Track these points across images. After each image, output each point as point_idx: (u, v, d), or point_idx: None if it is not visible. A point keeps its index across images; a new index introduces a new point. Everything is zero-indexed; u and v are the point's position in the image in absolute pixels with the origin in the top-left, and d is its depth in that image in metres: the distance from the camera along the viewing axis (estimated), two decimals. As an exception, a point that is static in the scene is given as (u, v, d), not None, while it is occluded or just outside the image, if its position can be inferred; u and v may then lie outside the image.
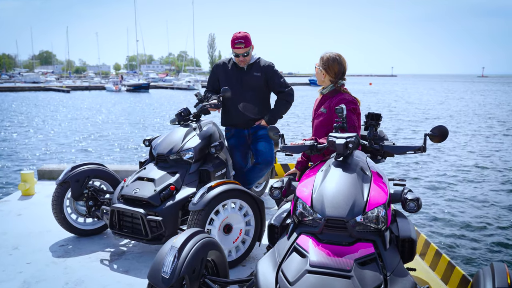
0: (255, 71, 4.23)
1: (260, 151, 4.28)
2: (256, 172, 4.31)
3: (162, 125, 23.12)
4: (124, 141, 17.79)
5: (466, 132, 19.87)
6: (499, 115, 27.98)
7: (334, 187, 2.29)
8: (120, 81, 67.84)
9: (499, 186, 10.56)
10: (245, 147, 4.38)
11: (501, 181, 10.99)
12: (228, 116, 4.36)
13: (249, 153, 4.45)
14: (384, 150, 2.57)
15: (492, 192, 9.96)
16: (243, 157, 4.38)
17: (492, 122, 23.89)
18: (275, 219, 2.57)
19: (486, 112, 30.08)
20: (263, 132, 4.29)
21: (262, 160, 4.26)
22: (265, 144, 4.28)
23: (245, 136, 4.35)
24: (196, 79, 75.10)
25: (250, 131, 4.33)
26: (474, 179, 11.32)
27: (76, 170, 3.94)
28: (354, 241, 2.19)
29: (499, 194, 9.82)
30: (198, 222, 3.18)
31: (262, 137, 4.29)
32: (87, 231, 4.05)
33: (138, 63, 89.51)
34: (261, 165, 4.27)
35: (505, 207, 8.91)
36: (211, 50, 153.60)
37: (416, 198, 2.32)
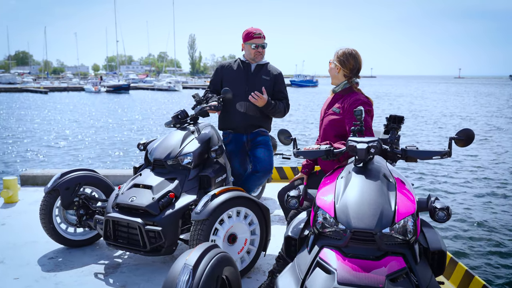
0: (264, 74, 4.04)
1: (259, 158, 4.03)
2: (254, 181, 4.06)
3: (151, 127, 22.61)
4: (112, 145, 17.31)
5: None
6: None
7: (359, 196, 2.12)
8: (99, 82, 66.76)
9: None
10: (243, 153, 4.15)
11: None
12: (227, 118, 4.12)
13: (248, 160, 4.21)
14: (407, 155, 2.41)
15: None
16: (241, 163, 4.14)
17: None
18: (292, 230, 2.38)
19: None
20: (262, 138, 4.08)
21: (260, 168, 4.00)
22: (264, 151, 4.04)
23: (244, 142, 4.11)
24: (177, 80, 74.56)
25: (249, 137, 4.10)
26: (486, 180, 11.09)
27: (66, 177, 3.68)
28: (382, 254, 2.02)
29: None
30: (202, 233, 2.97)
31: (261, 144, 4.07)
32: (77, 242, 3.79)
33: (118, 64, 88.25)
34: (260, 173, 4.00)
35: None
36: (192, 51, 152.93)
37: (446, 207, 2.17)
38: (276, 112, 4.03)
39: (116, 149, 16.15)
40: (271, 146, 4.15)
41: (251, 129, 4.07)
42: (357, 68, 2.99)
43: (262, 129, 4.12)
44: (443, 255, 2.18)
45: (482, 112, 31.45)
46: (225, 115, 4.12)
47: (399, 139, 2.45)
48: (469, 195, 9.77)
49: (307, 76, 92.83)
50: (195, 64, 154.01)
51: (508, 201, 9.29)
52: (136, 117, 27.96)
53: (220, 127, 4.21)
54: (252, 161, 4.07)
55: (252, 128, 4.07)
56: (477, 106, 36.59)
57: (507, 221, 8.01)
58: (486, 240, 7.13)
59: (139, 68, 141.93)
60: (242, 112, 4.01)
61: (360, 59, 3.01)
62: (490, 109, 34.06)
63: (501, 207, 8.89)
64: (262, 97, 3.84)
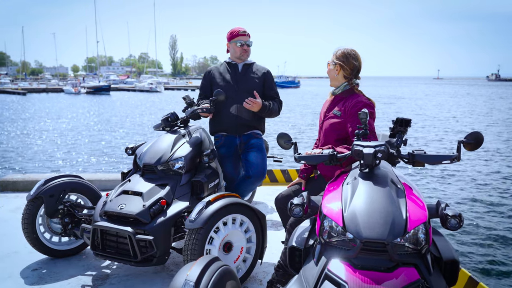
0: (252, 73, 3.93)
1: (251, 162, 3.84)
2: (246, 186, 3.88)
3: (136, 129, 22.19)
4: (95, 148, 16.88)
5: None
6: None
7: (368, 204, 2.00)
8: (79, 83, 65.71)
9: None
10: (236, 157, 3.97)
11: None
12: (218, 120, 3.94)
13: (240, 163, 4.03)
14: (415, 159, 2.30)
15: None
16: (234, 167, 3.96)
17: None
18: (296, 240, 2.26)
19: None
20: (255, 141, 3.92)
21: (253, 173, 3.81)
22: (256, 154, 3.86)
23: (236, 145, 3.94)
24: (158, 81, 73.90)
25: (242, 139, 3.93)
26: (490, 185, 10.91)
27: (50, 184, 3.49)
28: (394, 266, 1.91)
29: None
30: (196, 242, 2.82)
31: (254, 147, 3.90)
32: (62, 252, 3.60)
33: (98, 65, 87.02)
34: (252, 178, 3.82)
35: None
36: (173, 52, 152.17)
37: (458, 214, 2.07)
38: (272, 113, 3.91)
39: (100, 153, 15.78)
40: (264, 149, 4.00)
41: (243, 131, 3.91)
42: (358, 68, 2.89)
43: (255, 131, 3.96)
44: (456, 265, 2.08)
45: (463, 112, 31.88)
46: (216, 117, 3.95)
47: (406, 142, 2.35)
48: (467, 197, 9.73)
49: (289, 77, 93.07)
50: (176, 65, 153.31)
51: (506, 203, 9.29)
52: (118, 118, 27.51)
53: (212, 130, 4.04)
54: (244, 165, 3.90)
55: (244, 130, 3.91)
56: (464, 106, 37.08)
57: (509, 225, 7.97)
58: (488, 245, 7.04)
59: (120, 69, 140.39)
60: (234, 114, 3.85)
61: (360, 59, 2.91)
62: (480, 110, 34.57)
63: (499, 208, 8.88)
64: (256, 102, 3.71)
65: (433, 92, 68.40)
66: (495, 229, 7.69)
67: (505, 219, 8.22)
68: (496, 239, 7.23)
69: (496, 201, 9.36)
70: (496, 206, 9.01)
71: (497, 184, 10.78)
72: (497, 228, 7.72)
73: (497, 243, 7.06)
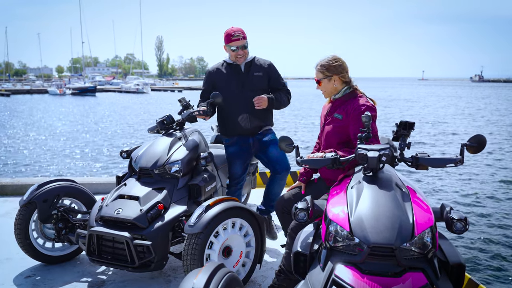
0: (255, 71, 3.78)
1: (274, 159, 3.80)
2: (278, 183, 3.87)
3: (127, 131, 21.91)
4: (85, 150, 16.62)
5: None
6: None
7: (375, 209, 1.99)
8: (64, 84, 64.92)
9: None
10: (247, 156, 3.89)
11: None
12: (229, 126, 3.84)
13: (249, 162, 3.98)
14: (419, 163, 2.30)
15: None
16: (243, 167, 3.91)
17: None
18: (301, 245, 2.23)
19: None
20: (269, 136, 3.84)
21: (280, 168, 3.80)
22: (275, 150, 3.81)
23: (249, 144, 3.85)
24: (145, 82, 73.36)
25: (255, 138, 3.84)
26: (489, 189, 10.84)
27: (43, 189, 3.41)
28: (401, 270, 1.90)
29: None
30: (196, 247, 2.78)
31: (270, 143, 3.82)
32: (56, 258, 3.52)
33: (84, 66, 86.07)
34: (281, 174, 3.82)
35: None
36: (159, 53, 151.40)
37: (464, 218, 2.06)
38: (281, 104, 3.81)
39: (90, 155, 15.54)
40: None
41: (256, 131, 3.83)
42: (347, 69, 2.89)
43: (266, 127, 3.88)
44: (463, 269, 2.08)
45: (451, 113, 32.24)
46: (226, 122, 3.86)
47: (410, 146, 2.34)
48: (463, 198, 9.75)
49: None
50: (162, 66, 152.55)
51: (504, 204, 9.34)
52: (106, 120, 27.22)
53: (223, 133, 3.95)
54: (267, 163, 3.87)
55: (257, 130, 3.83)
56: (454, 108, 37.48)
57: (507, 226, 7.97)
58: (486, 246, 7.02)
59: (105, 70, 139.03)
60: (244, 119, 3.76)
61: (342, 59, 2.91)
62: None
63: (496, 209, 8.90)
64: (262, 98, 3.64)
65: (424, 94, 69.03)
66: (493, 231, 7.70)
67: (501, 220, 8.26)
68: (494, 241, 7.24)
69: (491, 203, 9.38)
70: (491, 207, 9.04)
71: (493, 185, 10.83)
72: (495, 230, 7.73)
73: (495, 245, 7.08)
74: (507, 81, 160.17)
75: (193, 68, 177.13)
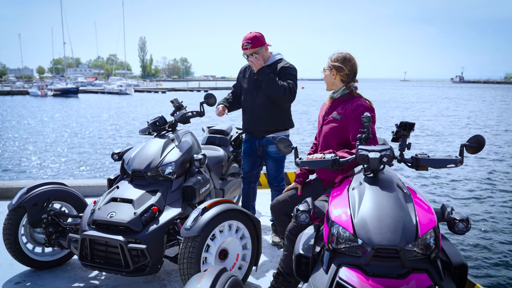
0: (272, 74, 3.79)
1: (268, 173, 4.10)
2: (276, 195, 4.10)
3: (115, 133, 21.55)
4: (72, 152, 16.31)
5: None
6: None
7: (378, 210, 1.98)
8: (45, 85, 63.90)
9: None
10: (254, 156, 4.12)
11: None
12: (243, 123, 4.10)
13: (258, 161, 4.18)
14: (419, 163, 2.29)
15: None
16: (251, 164, 4.15)
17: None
18: (303, 248, 2.21)
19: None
20: (274, 148, 3.95)
21: (271, 183, 4.13)
22: (272, 164, 4.03)
23: (256, 146, 4.06)
24: (128, 83, 72.55)
25: (260, 142, 4.02)
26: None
27: (33, 192, 3.32)
28: (406, 272, 1.89)
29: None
30: (193, 250, 2.74)
31: (271, 156, 4.01)
32: (46, 263, 3.43)
33: (65, 67, 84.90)
34: (274, 188, 4.12)
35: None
36: (142, 54, 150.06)
37: (466, 218, 2.06)
38: (274, 85, 3.71)
39: (78, 158, 15.25)
40: (283, 156, 4.03)
41: (262, 135, 3.98)
42: (354, 71, 2.86)
43: (275, 135, 3.95)
44: (465, 269, 2.08)
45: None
46: (243, 119, 4.10)
47: (410, 147, 2.34)
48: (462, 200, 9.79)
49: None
50: (146, 67, 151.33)
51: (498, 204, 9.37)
52: (92, 122, 26.85)
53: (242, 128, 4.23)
54: (267, 174, 4.14)
55: (263, 134, 3.98)
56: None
57: (505, 223, 7.98)
58: (483, 246, 7.02)
59: (88, 71, 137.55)
60: (252, 119, 3.94)
61: (355, 62, 2.89)
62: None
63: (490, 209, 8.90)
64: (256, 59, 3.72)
65: (408, 94, 69.74)
66: (488, 231, 7.71)
67: (497, 221, 8.29)
68: (489, 241, 7.25)
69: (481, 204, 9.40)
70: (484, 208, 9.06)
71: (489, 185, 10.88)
72: (490, 231, 7.74)
73: (493, 245, 7.08)
74: (487, 82, 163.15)
75: (176, 69, 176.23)
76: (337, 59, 2.86)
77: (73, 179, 8.38)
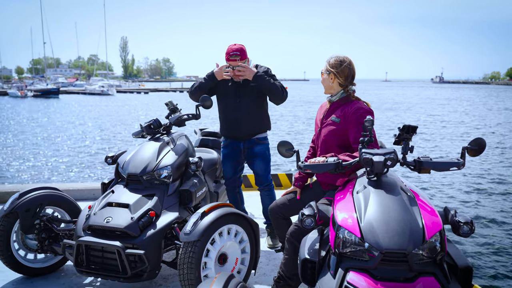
0: (251, 81, 3.76)
1: (257, 174, 4.03)
2: (265, 197, 4.12)
3: (101, 135, 21.20)
4: (58, 155, 16.01)
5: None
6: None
7: (384, 213, 1.98)
8: (25, 86, 62.76)
9: None
10: (237, 160, 4.02)
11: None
12: (224, 127, 4.00)
13: (240, 165, 4.10)
14: (422, 166, 2.30)
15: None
16: (233, 168, 4.05)
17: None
18: (309, 252, 2.20)
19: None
20: (259, 148, 3.93)
21: (259, 184, 4.07)
22: (260, 164, 3.97)
23: (240, 149, 3.97)
24: (110, 84, 71.69)
25: (245, 145, 3.94)
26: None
27: (25, 197, 3.24)
28: (413, 275, 1.90)
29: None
30: (193, 255, 2.71)
31: (258, 155, 3.95)
32: (39, 270, 3.36)
33: (46, 67, 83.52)
34: (264, 190, 4.08)
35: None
36: (124, 54, 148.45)
37: (470, 221, 2.08)
38: (272, 88, 3.72)
39: (65, 160, 14.96)
40: (268, 155, 4.02)
41: (247, 138, 3.93)
42: (352, 75, 2.87)
43: (259, 136, 3.94)
44: (470, 272, 2.09)
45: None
46: (222, 124, 4.01)
47: (413, 150, 2.35)
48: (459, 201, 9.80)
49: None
50: (127, 67, 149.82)
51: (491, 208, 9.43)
52: (75, 123, 26.43)
53: (221, 133, 4.12)
54: (254, 175, 4.06)
55: (248, 137, 3.92)
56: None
57: (503, 228, 7.99)
58: (481, 248, 7.04)
59: (68, 71, 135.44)
60: (237, 124, 3.85)
61: (353, 66, 2.89)
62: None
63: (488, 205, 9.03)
64: (246, 67, 3.66)
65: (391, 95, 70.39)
66: (489, 233, 7.75)
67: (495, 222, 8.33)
68: (490, 243, 7.27)
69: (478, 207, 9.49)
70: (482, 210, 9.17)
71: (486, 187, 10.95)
72: (490, 233, 7.78)
73: (491, 246, 7.11)
74: (466, 82, 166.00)
75: (159, 69, 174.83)
76: (335, 63, 2.85)
77: (63, 183, 8.22)
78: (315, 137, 3.03)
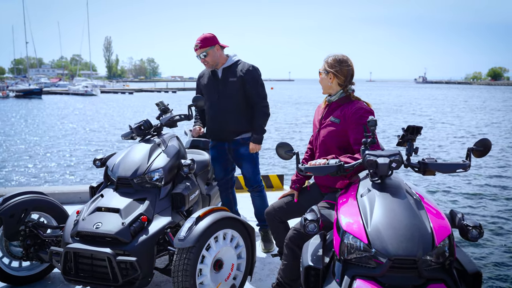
0: (230, 76, 3.72)
1: (245, 176, 3.96)
2: (255, 198, 4.04)
3: (87, 136, 20.80)
4: (41, 156, 15.67)
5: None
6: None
7: (391, 218, 1.90)
8: (6, 86, 61.63)
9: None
10: (226, 161, 3.98)
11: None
12: (208, 130, 3.97)
13: (230, 166, 4.05)
14: (427, 168, 2.23)
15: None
16: (223, 169, 4.02)
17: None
18: (312, 259, 2.10)
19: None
20: (244, 150, 3.84)
21: (249, 186, 3.99)
22: (247, 166, 3.90)
23: (225, 150, 3.91)
24: (94, 84, 70.79)
25: (230, 146, 3.86)
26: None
27: (10, 202, 3.09)
28: (423, 282, 1.82)
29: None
30: (188, 262, 2.59)
31: (244, 157, 3.87)
32: (24, 278, 3.21)
33: (28, 67, 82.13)
34: (254, 192, 4.00)
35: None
36: (108, 54, 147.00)
37: (479, 225, 2.01)
38: (264, 125, 3.85)
39: (50, 162, 14.59)
40: (256, 157, 3.95)
41: (231, 137, 3.85)
42: (351, 74, 2.79)
43: (244, 136, 3.85)
44: (479, 277, 2.02)
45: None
46: (208, 125, 3.97)
47: (417, 151, 2.27)
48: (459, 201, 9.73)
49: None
50: (111, 67, 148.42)
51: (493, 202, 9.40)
52: (59, 124, 25.94)
53: (207, 134, 4.09)
54: (243, 177, 3.99)
55: (232, 136, 3.84)
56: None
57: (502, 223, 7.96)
58: (491, 249, 6.95)
59: (51, 71, 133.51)
60: (218, 122, 3.81)
61: (352, 65, 2.81)
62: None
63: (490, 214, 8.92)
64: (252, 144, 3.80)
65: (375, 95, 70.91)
66: (493, 235, 7.63)
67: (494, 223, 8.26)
68: (496, 245, 7.19)
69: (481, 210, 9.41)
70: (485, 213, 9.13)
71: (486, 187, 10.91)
72: (495, 235, 7.66)
73: (497, 250, 7.01)
74: (449, 83, 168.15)
75: (143, 69, 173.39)
76: (334, 62, 2.77)
77: (48, 186, 8.00)
78: (313, 138, 2.94)
